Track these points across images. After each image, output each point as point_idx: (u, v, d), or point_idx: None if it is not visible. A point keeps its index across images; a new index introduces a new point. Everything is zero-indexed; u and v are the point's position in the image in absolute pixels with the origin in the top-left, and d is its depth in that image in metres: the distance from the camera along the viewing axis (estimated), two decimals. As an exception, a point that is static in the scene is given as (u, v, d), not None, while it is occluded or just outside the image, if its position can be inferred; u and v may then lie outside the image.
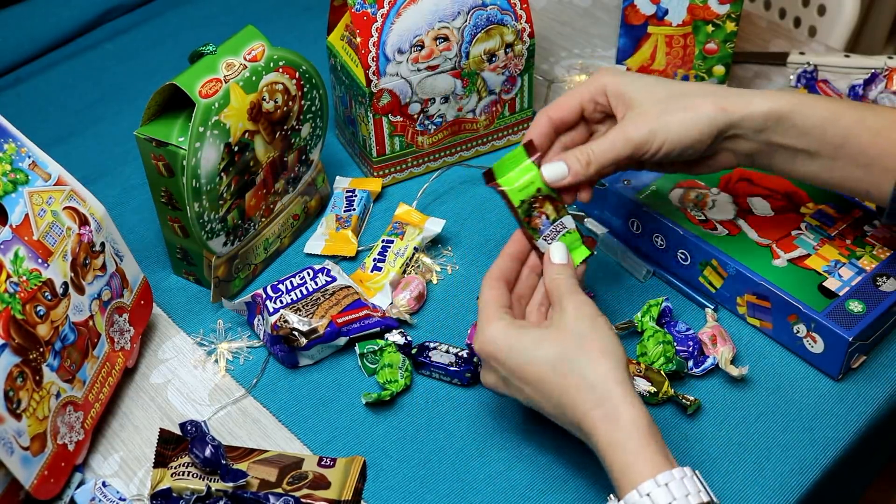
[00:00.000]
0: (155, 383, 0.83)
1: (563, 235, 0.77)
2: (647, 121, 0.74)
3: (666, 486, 0.61)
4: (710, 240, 0.85)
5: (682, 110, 0.74)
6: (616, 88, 0.76)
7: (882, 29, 1.75)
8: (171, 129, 0.81)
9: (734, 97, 0.74)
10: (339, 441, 0.78)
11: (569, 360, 0.67)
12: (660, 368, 0.79)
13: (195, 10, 1.30)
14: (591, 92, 0.78)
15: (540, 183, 0.76)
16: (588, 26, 1.25)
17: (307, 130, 0.92)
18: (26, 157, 0.73)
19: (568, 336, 0.69)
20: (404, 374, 0.80)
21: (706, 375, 0.81)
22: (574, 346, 0.68)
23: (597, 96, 0.78)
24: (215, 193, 0.82)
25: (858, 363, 0.81)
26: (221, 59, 0.82)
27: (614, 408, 0.65)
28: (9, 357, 0.67)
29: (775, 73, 1.15)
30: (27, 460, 0.68)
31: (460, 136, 1.01)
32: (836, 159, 0.74)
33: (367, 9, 0.90)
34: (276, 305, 0.82)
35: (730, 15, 0.97)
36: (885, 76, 1.06)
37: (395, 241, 0.91)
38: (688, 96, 0.75)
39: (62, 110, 1.15)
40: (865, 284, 0.80)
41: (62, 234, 0.74)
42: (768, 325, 0.83)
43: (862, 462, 0.84)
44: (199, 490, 0.72)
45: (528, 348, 0.69)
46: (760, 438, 0.77)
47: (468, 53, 0.94)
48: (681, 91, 0.75)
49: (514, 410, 0.79)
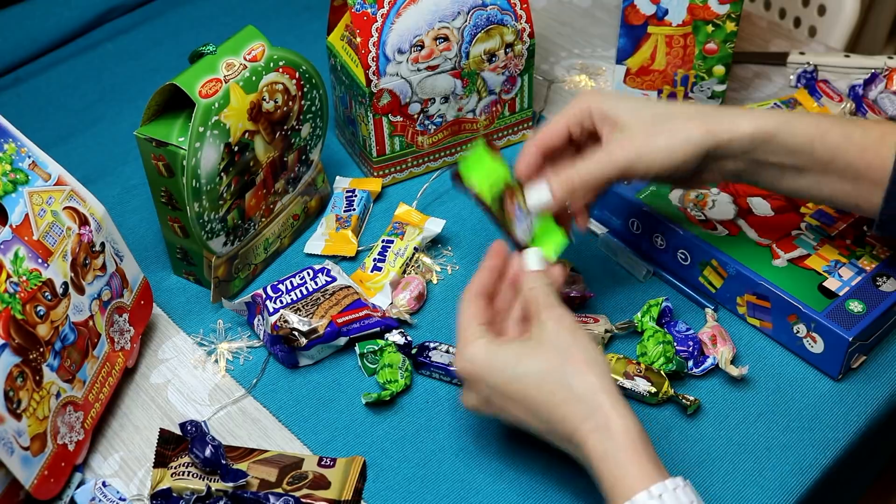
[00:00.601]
0: (155, 383, 0.83)
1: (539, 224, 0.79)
2: (633, 143, 0.74)
3: (660, 497, 0.61)
4: (711, 240, 0.85)
5: (668, 133, 0.74)
6: (601, 111, 0.76)
7: (882, 29, 1.74)
8: (171, 129, 0.81)
9: (720, 119, 0.74)
10: (339, 441, 0.78)
11: (554, 373, 0.66)
12: (660, 368, 0.79)
13: (195, 10, 1.30)
14: (577, 115, 0.78)
15: (507, 177, 0.78)
16: (588, 26, 1.25)
17: (307, 130, 0.92)
18: (26, 157, 0.73)
19: (550, 349, 0.67)
20: (404, 374, 0.80)
21: (706, 375, 0.81)
22: (558, 360, 0.67)
23: (583, 120, 0.78)
24: (215, 193, 0.82)
25: (858, 363, 0.81)
26: (221, 59, 0.82)
27: (605, 418, 0.64)
28: (9, 357, 0.67)
29: (775, 73, 1.15)
30: (27, 460, 0.68)
31: (460, 136, 1.01)
32: (824, 175, 0.74)
33: (367, 9, 0.90)
34: (276, 305, 0.82)
35: (730, 15, 0.97)
36: (885, 76, 1.06)
37: (395, 241, 0.91)
38: (674, 118, 0.74)
39: (62, 110, 1.15)
40: (865, 284, 0.80)
41: (62, 234, 0.74)
42: (768, 325, 0.83)
43: (862, 462, 0.84)
44: (199, 490, 0.72)
45: (510, 365, 0.68)
46: (760, 438, 0.77)
47: (468, 53, 0.94)
48: (666, 112, 0.75)
49: (514, 410, 0.79)
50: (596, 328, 0.83)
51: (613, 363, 0.79)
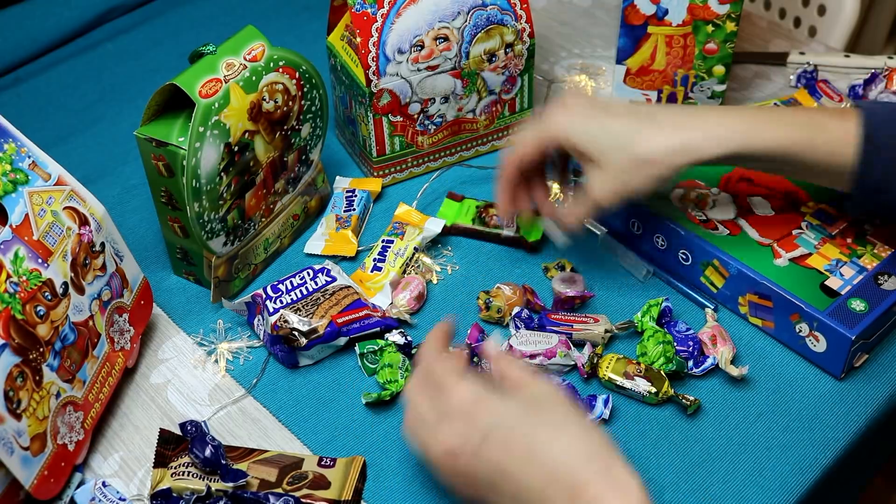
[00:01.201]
0: (155, 383, 0.83)
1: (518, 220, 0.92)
2: (610, 186, 0.78)
3: None
4: (712, 240, 0.85)
5: (641, 175, 0.77)
6: (570, 142, 0.79)
7: (882, 29, 1.75)
8: (171, 129, 0.81)
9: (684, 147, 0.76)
10: (339, 441, 0.78)
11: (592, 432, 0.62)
12: (660, 368, 0.79)
13: (195, 10, 1.30)
14: (546, 142, 0.81)
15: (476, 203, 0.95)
16: (588, 26, 1.25)
17: (307, 130, 0.92)
18: (26, 157, 0.73)
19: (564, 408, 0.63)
20: (404, 374, 0.80)
21: (706, 375, 0.81)
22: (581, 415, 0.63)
23: (550, 145, 0.81)
24: (215, 193, 0.82)
25: (861, 362, 0.81)
26: (221, 59, 0.82)
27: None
28: (9, 357, 0.67)
29: (775, 73, 1.15)
30: (27, 460, 0.68)
31: (460, 136, 1.01)
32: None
33: (367, 9, 0.90)
34: (276, 305, 0.82)
35: (730, 15, 0.97)
36: (885, 76, 1.06)
37: (395, 241, 0.91)
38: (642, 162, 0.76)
39: (62, 110, 1.15)
40: (867, 283, 0.80)
41: (62, 234, 0.73)
42: (770, 325, 0.83)
43: (862, 462, 0.83)
44: (199, 490, 0.72)
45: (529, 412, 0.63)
46: (760, 438, 0.77)
47: (468, 53, 0.94)
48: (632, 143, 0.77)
49: (514, 410, 0.79)
50: (596, 328, 0.83)
51: (613, 363, 0.79)
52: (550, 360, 0.80)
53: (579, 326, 0.83)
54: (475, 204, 0.95)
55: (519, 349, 0.81)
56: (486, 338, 0.82)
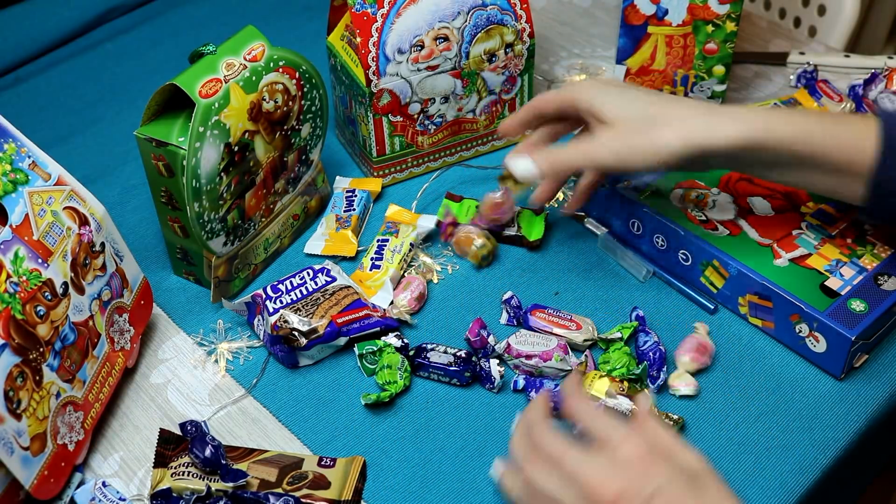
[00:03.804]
0: (155, 383, 0.83)
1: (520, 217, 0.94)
2: (613, 144, 0.77)
3: None
4: (712, 240, 0.85)
5: (648, 139, 0.75)
6: (587, 105, 0.79)
7: (882, 29, 1.75)
8: (171, 129, 0.81)
9: (702, 126, 0.75)
10: (339, 441, 0.78)
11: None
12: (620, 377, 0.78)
13: (195, 10, 1.30)
14: (566, 101, 0.81)
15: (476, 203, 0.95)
16: (588, 26, 1.25)
17: (307, 130, 0.92)
18: (26, 157, 0.73)
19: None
20: (403, 375, 0.80)
21: (707, 373, 0.81)
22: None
23: (569, 107, 0.81)
24: (215, 193, 0.82)
25: (861, 362, 0.81)
26: (221, 59, 0.82)
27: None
28: (9, 357, 0.67)
29: (775, 73, 1.15)
30: (27, 460, 0.68)
31: (460, 136, 1.01)
32: (809, 170, 0.76)
33: (367, 9, 0.90)
34: (276, 305, 0.82)
35: (730, 15, 0.97)
36: (885, 76, 1.06)
37: (389, 239, 0.91)
38: (656, 123, 0.75)
39: (62, 110, 1.15)
40: (867, 283, 0.80)
41: (62, 234, 0.73)
42: (770, 325, 0.83)
43: (862, 462, 0.83)
44: (199, 490, 0.72)
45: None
46: (760, 438, 0.77)
47: (468, 53, 0.94)
48: (650, 115, 0.76)
49: (513, 410, 0.79)
50: (577, 336, 0.82)
51: (597, 381, 0.78)
52: (546, 363, 0.80)
53: (560, 331, 0.83)
54: (475, 204, 0.95)
55: (516, 348, 0.81)
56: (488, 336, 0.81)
